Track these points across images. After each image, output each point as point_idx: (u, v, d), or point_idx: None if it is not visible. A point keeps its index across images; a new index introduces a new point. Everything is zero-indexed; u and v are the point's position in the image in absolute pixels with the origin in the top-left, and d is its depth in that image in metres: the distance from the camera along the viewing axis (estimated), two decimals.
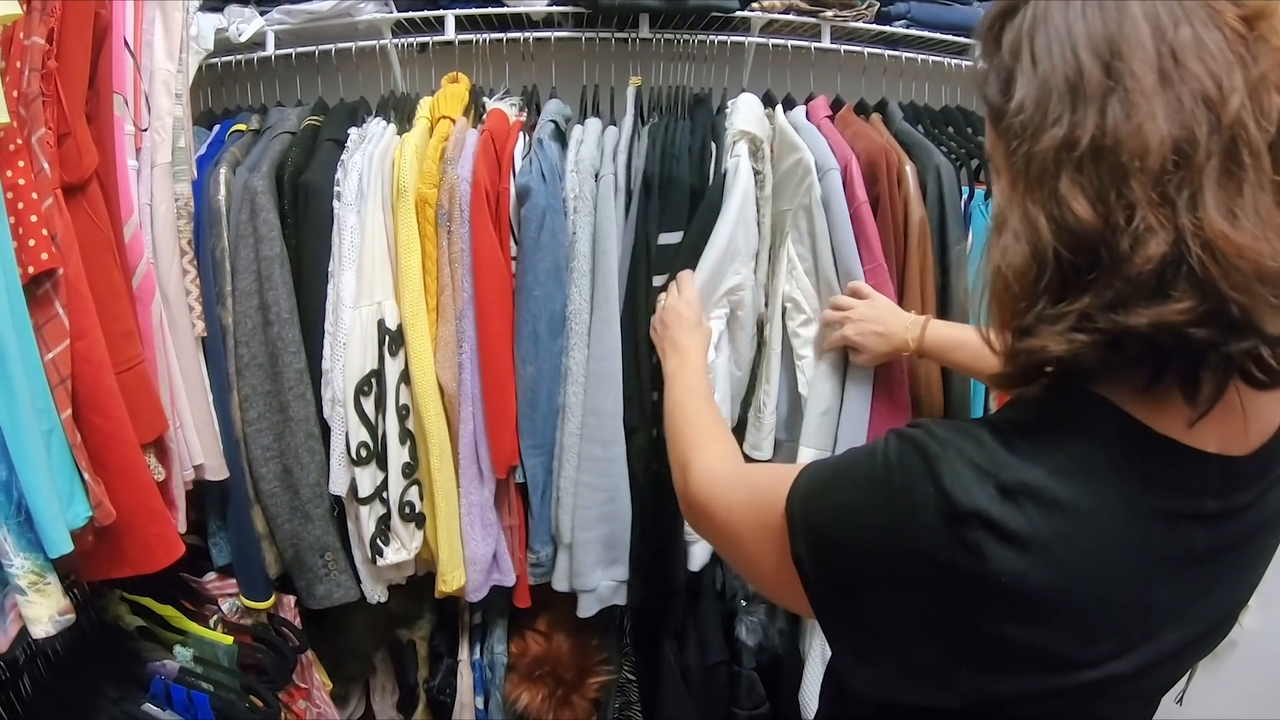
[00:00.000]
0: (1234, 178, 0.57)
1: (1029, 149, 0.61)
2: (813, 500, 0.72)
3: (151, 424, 1.31)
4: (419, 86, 1.88)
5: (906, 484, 0.64)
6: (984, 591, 0.60)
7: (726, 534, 0.89)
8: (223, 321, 1.50)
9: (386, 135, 1.57)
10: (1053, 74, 0.61)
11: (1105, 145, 0.58)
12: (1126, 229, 0.57)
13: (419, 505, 1.58)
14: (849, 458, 0.72)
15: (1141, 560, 0.64)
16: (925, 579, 0.63)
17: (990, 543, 0.59)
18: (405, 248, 1.49)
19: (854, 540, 0.67)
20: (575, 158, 1.58)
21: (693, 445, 1.06)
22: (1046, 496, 0.60)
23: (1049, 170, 0.60)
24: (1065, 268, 0.60)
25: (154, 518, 1.27)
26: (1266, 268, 0.56)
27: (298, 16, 1.75)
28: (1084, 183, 0.59)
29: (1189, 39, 0.58)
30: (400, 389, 1.52)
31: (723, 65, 1.93)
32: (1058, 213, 0.59)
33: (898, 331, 1.46)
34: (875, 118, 1.77)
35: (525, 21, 1.84)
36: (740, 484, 0.89)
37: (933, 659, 0.65)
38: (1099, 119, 0.58)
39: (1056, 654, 0.63)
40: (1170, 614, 0.67)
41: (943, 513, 0.61)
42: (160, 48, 1.45)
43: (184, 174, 1.47)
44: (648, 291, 1.56)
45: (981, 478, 0.61)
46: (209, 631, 1.61)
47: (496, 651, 1.85)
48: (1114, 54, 0.59)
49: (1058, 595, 0.61)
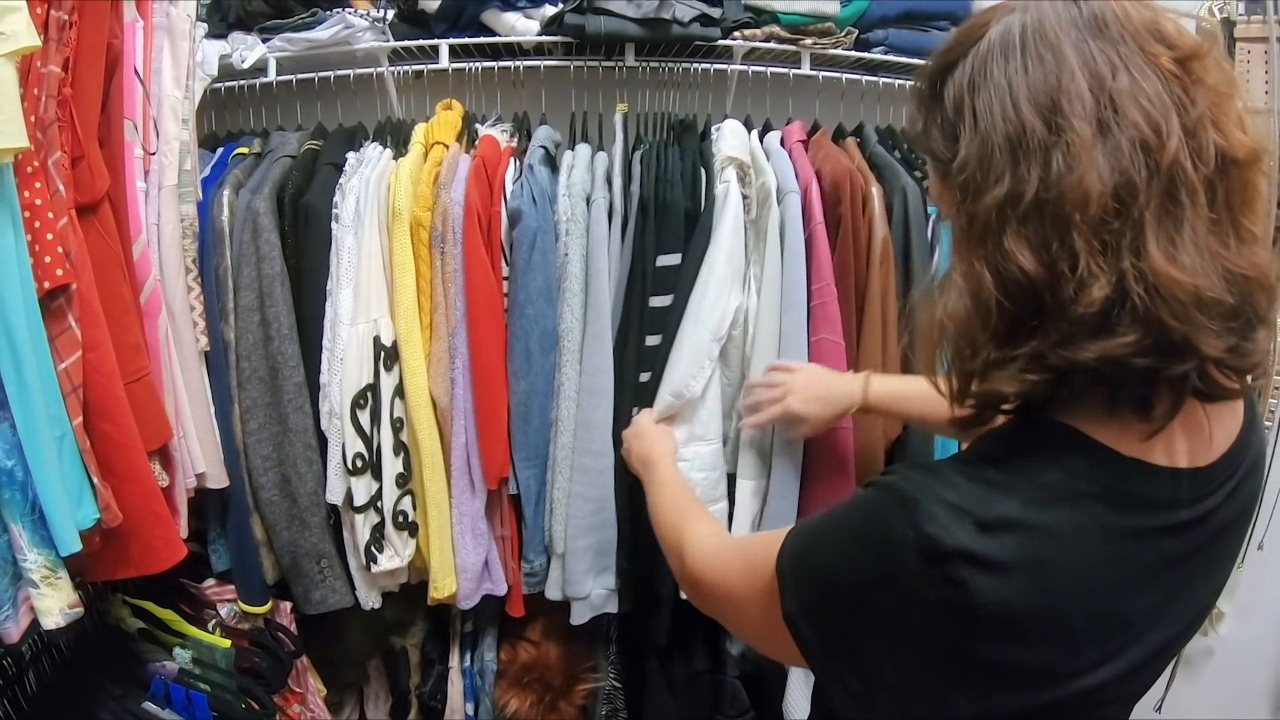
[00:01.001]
0: (1173, 216, 0.59)
1: (972, 207, 0.64)
2: (800, 559, 0.74)
3: (157, 432, 1.36)
4: (414, 112, 1.93)
5: (887, 532, 0.65)
6: (974, 621, 0.62)
7: (727, 604, 0.91)
8: (225, 336, 1.55)
9: (383, 160, 1.63)
10: (994, 131, 0.62)
11: (1048, 199, 0.59)
12: (1071, 276, 0.59)
13: (412, 514, 1.63)
14: (832, 515, 0.74)
15: (1119, 574, 0.66)
16: (915, 618, 0.64)
17: (975, 575, 0.61)
18: (400, 267, 1.55)
19: (843, 591, 0.69)
20: (567, 182, 1.63)
21: (681, 531, 1.07)
22: (1023, 526, 0.63)
23: (992, 226, 0.62)
24: (1009, 316, 0.62)
25: (158, 521, 1.32)
26: (1205, 297, 0.58)
27: (298, 44, 1.80)
28: (1029, 235, 0.60)
29: (1126, 86, 0.59)
30: (395, 402, 1.57)
31: (706, 92, 1.97)
32: (1002, 266, 0.61)
33: (839, 392, 1.44)
34: (849, 141, 1.80)
35: (516, 50, 1.89)
36: (733, 554, 0.91)
37: (930, 692, 0.67)
38: (1042, 172, 0.60)
39: (1046, 669, 0.65)
40: (1149, 618, 0.69)
41: (925, 554, 0.62)
42: (168, 75, 1.51)
43: (189, 195, 1.52)
44: (643, 310, 1.61)
45: (959, 516, 0.62)
46: (207, 635, 1.65)
47: (487, 659, 1.89)
48: (1054, 108, 0.60)
49: (1042, 616, 0.63)
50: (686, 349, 1.56)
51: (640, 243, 1.61)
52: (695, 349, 1.55)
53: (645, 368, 1.62)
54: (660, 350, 1.60)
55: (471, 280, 1.56)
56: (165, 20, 1.50)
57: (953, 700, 0.67)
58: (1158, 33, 0.62)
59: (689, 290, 1.58)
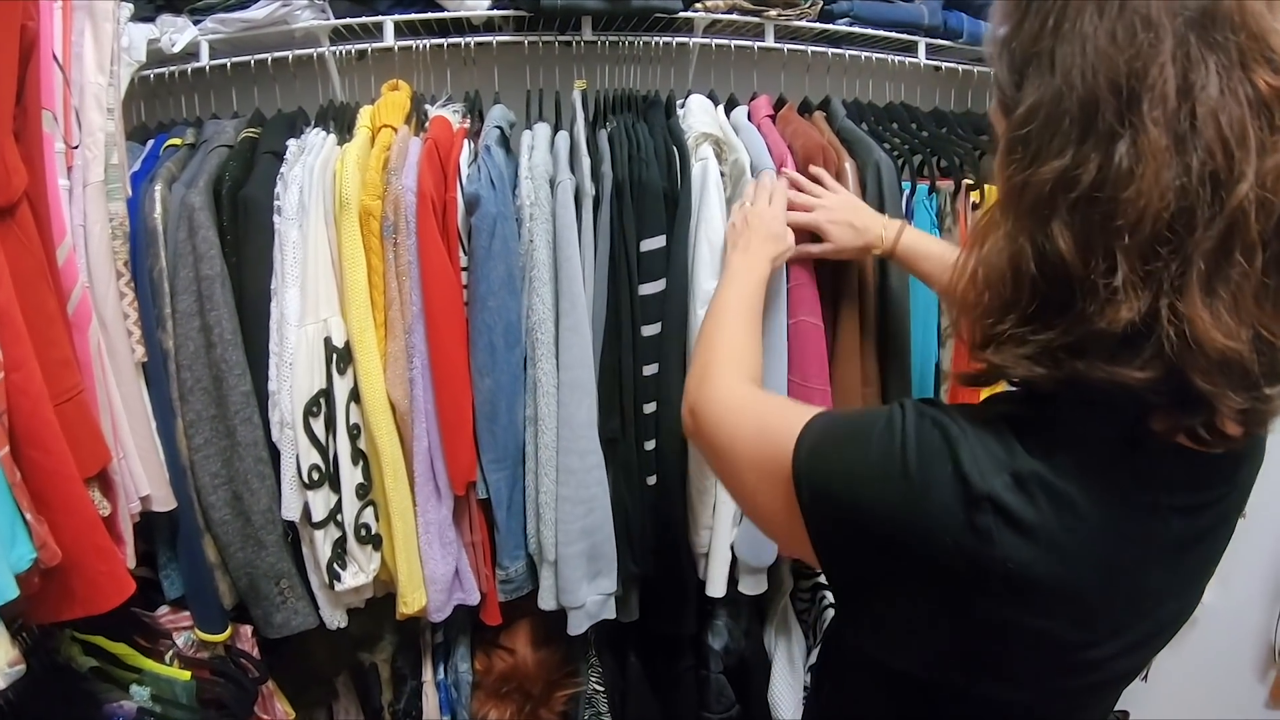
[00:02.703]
0: (1223, 266, 0.55)
1: (1028, 176, 0.60)
2: (822, 455, 0.72)
3: (94, 456, 1.27)
4: (358, 95, 1.85)
5: (924, 460, 0.64)
6: (987, 575, 0.62)
7: (724, 456, 0.89)
8: (163, 345, 1.45)
9: (327, 146, 1.53)
10: (1068, 93, 0.59)
11: (1101, 197, 0.56)
12: (1103, 286, 0.57)
13: (375, 527, 1.55)
14: (863, 419, 0.72)
15: (1138, 550, 0.66)
16: (928, 555, 0.64)
17: (1000, 528, 0.61)
18: (350, 262, 1.46)
19: (860, 505, 0.68)
20: (528, 164, 1.55)
21: (720, 359, 1.03)
22: (1054, 489, 0.62)
23: (1043, 201, 0.59)
24: (1041, 295, 0.61)
25: (102, 555, 1.23)
26: (1232, 360, 0.56)
27: (232, 25, 1.70)
28: (1075, 227, 0.58)
29: (1213, 101, 0.54)
30: (350, 408, 1.48)
31: (667, 66, 1.92)
32: (1045, 245, 0.59)
33: (873, 227, 1.40)
34: (818, 115, 1.77)
35: (466, 26, 1.81)
36: (751, 414, 0.87)
37: (929, 629, 0.68)
38: (1103, 161, 0.56)
39: (1055, 637, 0.65)
40: (1158, 596, 0.71)
41: (958, 494, 0.62)
42: (90, 60, 1.39)
43: (118, 192, 1.41)
44: (633, 299, 1.55)
45: (997, 465, 0.62)
46: (165, 667, 1.56)
47: (461, 670, 1.82)
48: (1133, 97, 0.56)
49: (1059, 584, 0.63)
50: None
51: (619, 227, 1.54)
52: None
53: (649, 359, 1.56)
54: (664, 340, 1.55)
55: (428, 273, 1.47)
56: (86, 1, 1.38)
57: (955, 646, 0.68)
58: (1267, 48, 0.56)
59: (683, 274, 1.53)
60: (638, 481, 1.62)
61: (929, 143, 1.81)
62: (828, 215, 1.43)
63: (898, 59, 1.96)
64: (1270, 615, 1.96)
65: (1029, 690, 0.72)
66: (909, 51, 1.97)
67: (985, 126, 1.97)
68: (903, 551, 0.66)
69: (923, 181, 1.71)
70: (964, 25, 1.96)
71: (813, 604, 1.93)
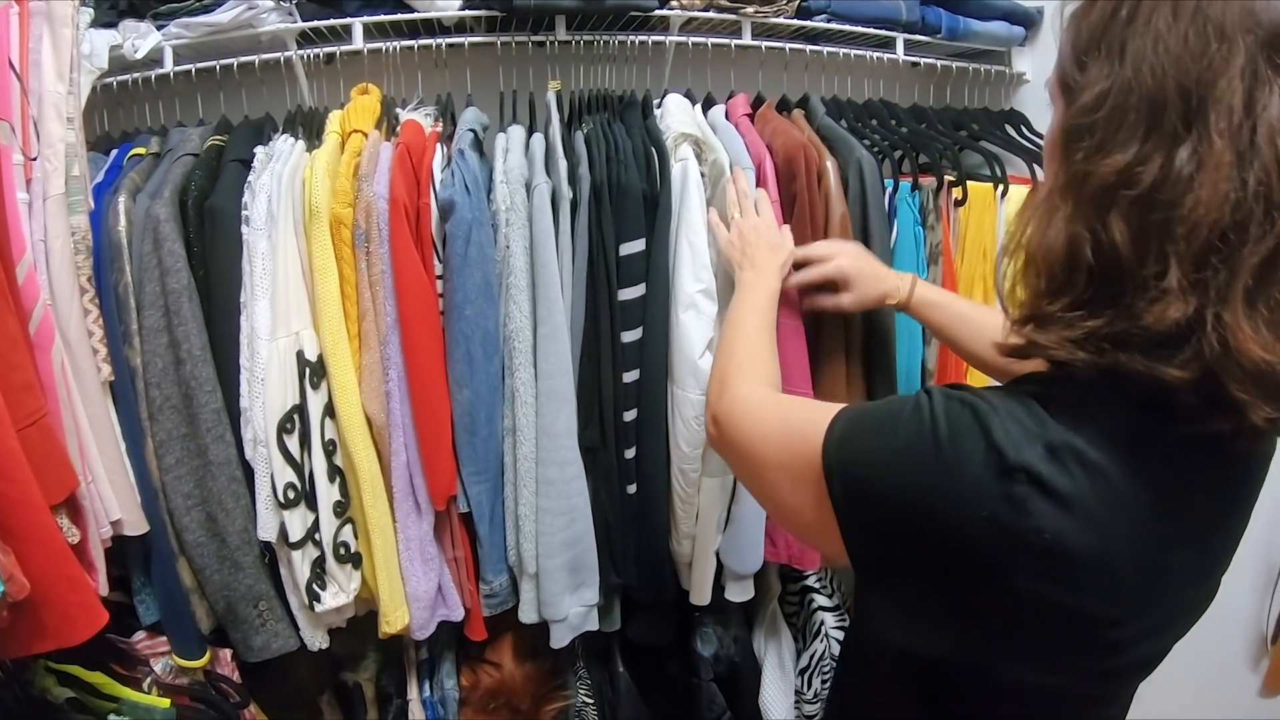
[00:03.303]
0: (1266, 285, 0.58)
1: (1092, 166, 0.62)
2: (852, 444, 0.74)
3: (61, 482, 1.22)
4: (327, 100, 1.80)
5: (955, 436, 0.65)
6: (1021, 547, 0.63)
7: (750, 460, 0.90)
8: (131, 363, 1.40)
9: (295, 153, 1.48)
10: (1136, 87, 0.60)
11: (1160, 199, 0.58)
12: (1154, 284, 0.59)
13: (354, 545, 1.51)
14: (890, 407, 0.74)
15: (1165, 526, 0.67)
16: (963, 531, 0.65)
17: (1035, 498, 0.62)
18: (321, 272, 1.41)
19: (893, 487, 0.69)
20: (504, 167, 1.51)
21: (739, 367, 1.05)
22: (1086, 459, 0.63)
23: (1104, 195, 0.61)
24: (1094, 283, 0.63)
25: (73, 586, 1.18)
26: (1266, 373, 0.58)
27: (197, 30, 1.65)
28: (1133, 223, 0.60)
29: (1274, 123, 0.57)
30: (325, 423, 1.44)
31: (643, 66, 1.89)
32: (1104, 235, 0.61)
33: (885, 276, 1.39)
34: (797, 113, 1.75)
35: (437, 27, 1.77)
36: (775, 414, 0.89)
37: (964, 609, 0.68)
38: (1164, 162, 0.58)
39: (1085, 613, 0.66)
40: (1182, 578, 0.71)
41: (992, 465, 0.63)
42: (49, 68, 1.35)
43: (80, 205, 1.36)
44: (612, 305, 1.52)
45: (1030, 437, 0.63)
46: (144, 696, 1.52)
47: (447, 687, 1.78)
48: (1200, 104, 0.58)
49: (1091, 555, 0.63)
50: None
51: (598, 231, 1.50)
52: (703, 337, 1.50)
53: (629, 366, 1.54)
54: (645, 345, 1.52)
55: (402, 282, 1.43)
56: (43, 5, 1.34)
57: (986, 624, 0.68)
58: None
59: (664, 278, 1.50)
60: (618, 491, 1.59)
61: (909, 139, 1.79)
62: (849, 259, 1.39)
63: (876, 55, 1.94)
64: (1262, 605, 1.96)
65: (1054, 674, 0.72)
66: (887, 48, 1.95)
67: (964, 122, 1.96)
68: (937, 531, 0.66)
69: (905, 179, 1.69)
70: (942, 20, 1.94)
71: (801, 607, 1.91)
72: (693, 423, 1.52)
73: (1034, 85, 2.11)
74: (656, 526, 1.61)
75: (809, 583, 1.91)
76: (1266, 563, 1.94)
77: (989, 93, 2.13)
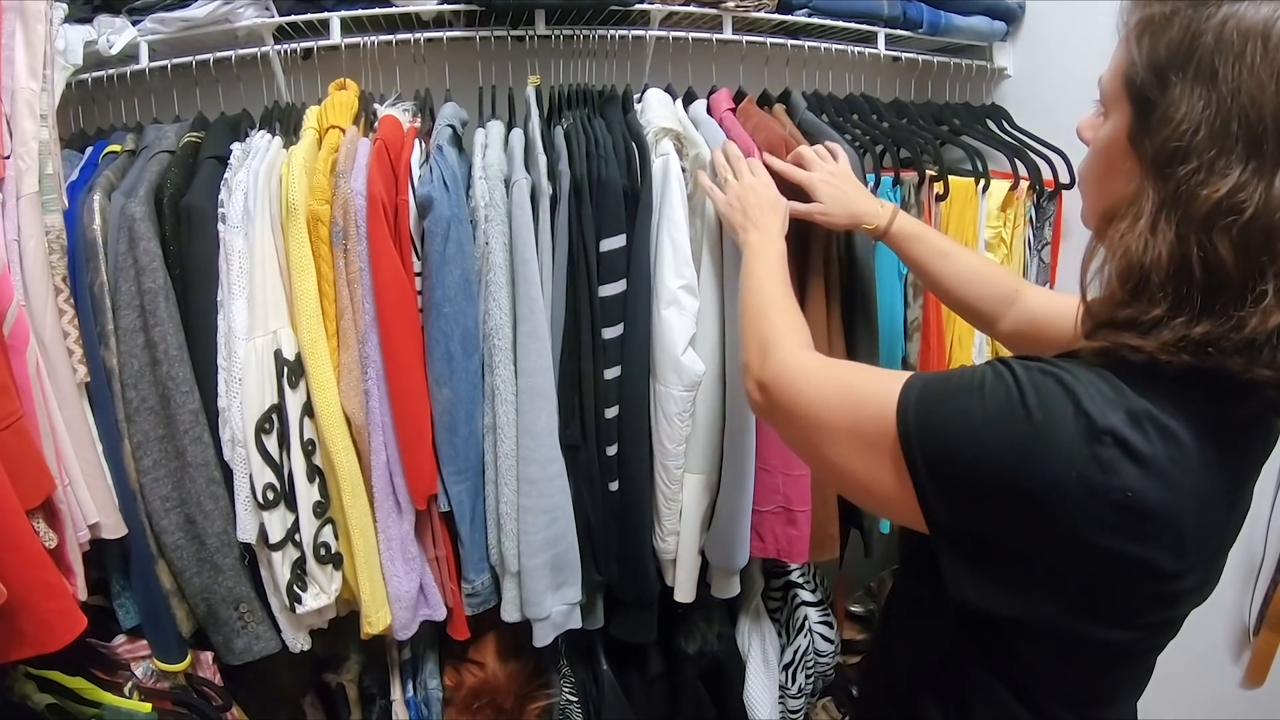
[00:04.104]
0: None
1: (1195, 187, 0.66)
2: (932, 413, 0.76)
3: (37, 486, 1.21)
4: (304, 95, 1.78)
5: (1045, 402, 0.70)
6: (1105, 504, 0.68)
7: (810, 427, 0.90)
8: (107, 364, 1.39)
9: (272, 149, 1.47)
10: (1236, 114, 0.65)
11: (1262, 225, 0.64)
12: (1260, 296, 0.65)
13: (335, 545, 1.49)
14: (964, 376, 0.77)
15: (1223, 489, 0.74)
16: (1049, 492, 0.69)
17: (1121, 459, 0.67)
18: (298, 270, 1.40)
19: (983, 453, 0.72)
20: (482, 163, 1.50)
21: (775, 330, 1.04)
22: (1160, 423, 0.68)
23: (1210, 218, 0.66)
24: (1199, 292, 0.67)
25: (50, 592, 1.17)
26: None
27: (172, 25, 1.63)
28: (1236, 241, 0.65)
29: None
30: (304, 423, 1.43)
31: (623, 60, 1.88)
32: (1210, 253, 0.66)
33: (867, 203, 1.39)
34: (779, 108, 1.74)
35: (415, 22, 1.75)
36: (834, 380, 0.90)
37: (1041, 566, 0.73)
38: (1266, 191, 0.64)
39: (1154, 566, 0.71)
40: (1220, 535, 0.79)
41: (1081, 429, 0.68)
42: (21, 64, 1.33)
43: (54, 203, 1.35)
44: (592, 301, 1.51)
45: (1112, 404, 0.69)
46: (125, 701, 1.50)
47: (430, 687, 1.77)
48: None
49: (1165, 512, 0.69)
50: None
51: (578, 227, 1.49)
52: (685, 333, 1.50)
53: (610, 363, 1.53)
54: (626, 341, 1.52)
55: (380, 279, 1.42)
56: (16, 1, 1.32)
57: (1062, 578, 0.73)
58: None
59: (645, 274, 1.50)
60: (600, 488, 1.59)
61: (890, 134, 1.79)
62: (823, 177, 1.40)
63: (857, 50, 1.94)
64: (1243, 598, 1.97)
65: (1121, 627, 0.77)
66: (868, 42, 1.95)
67: (946, 117, 1.96)
68: (1025, 494, 0.70)
69: (886, 173, 1.69)
70: (923, 15, 1.94)
71: (785, 602, 1.91)
72: (675, 419, 1.52)
73: (1015, 80, 2.11)
74: (638, 524, 1.60)
75: (792, 578, 1.91)
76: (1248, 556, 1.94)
77: (970, 88, 2.13)
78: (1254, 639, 1.99)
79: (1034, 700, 0.85)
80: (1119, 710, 0.90)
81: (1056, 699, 0.85)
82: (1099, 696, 0.86)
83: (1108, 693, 0.87)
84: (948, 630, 0.88)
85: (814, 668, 1.89)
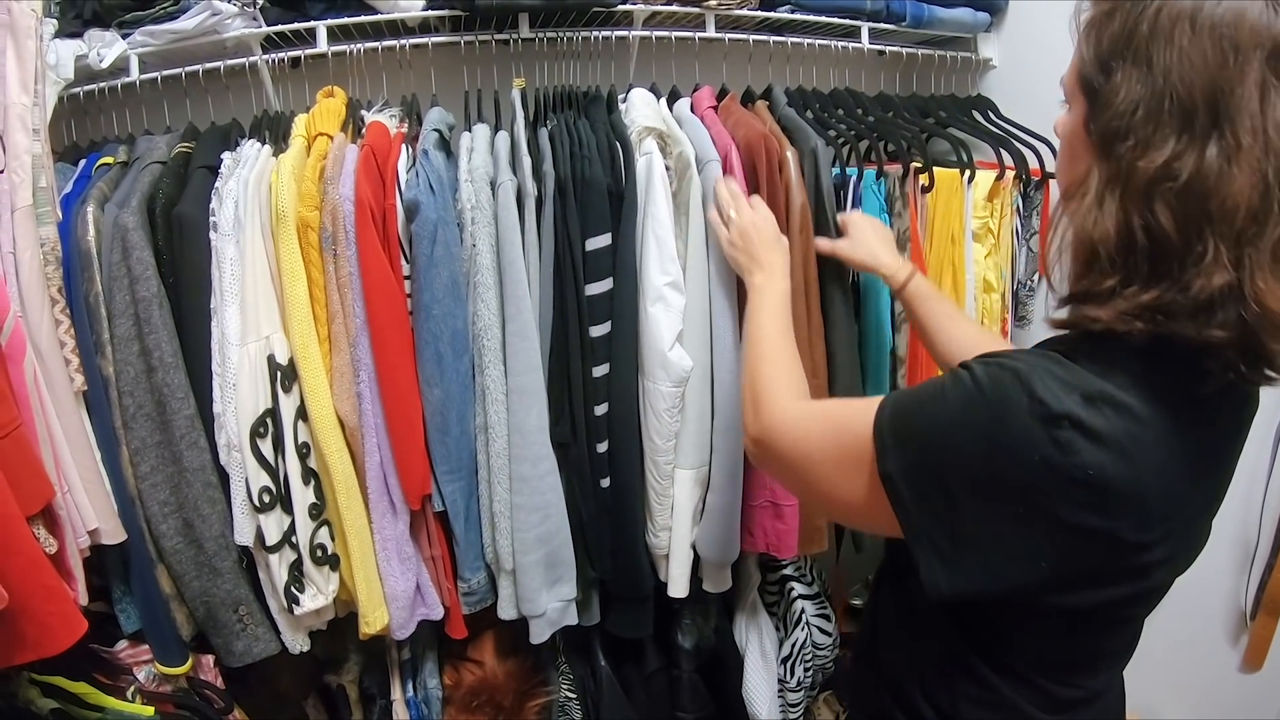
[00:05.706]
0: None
1: (1134, 160, 0.71)
2: (904, 421, 0.82)
3: (36, 493, 1.23)
4: (293, 104, 1.80)
5: (1001, 395, 0.74)
6: (1070, 482, 0.71)
7: (802, 471, 0.96)
8: (103, 372, 1.40)
9: (262, 158, 1.49)
10: (1169, 92, 0.69)
11: (1197, 189, 0.68)
12: (1201, 259, 0.69)
13: (331, 547, 1.51)
14: (931, 385, 0.82)
15: (1187, 461, 0.76)
16: (1016, 476, 0.73)
17: (1079, 439, 0.71)
18: (289, 276, 1.42)
19: (950, 449, 0.77)
20: (468, 166, 1.52)
21: (766, 385, 1.08)
22: (1119, 404, 0.72)
23: (1149, 188, 0.70)
24: (1147, 260, 0.71)
25: (51, 596, 1.19)
26: None
27: (162, 38, 1.64)
28: (1176, 210, 0.69)
29: (1277, 121, 0.68)
30: (298, 426, 1.45)
31: (608, 61, 1.90)
32: (1152, 221, 0.70)
33: (887, 254, 1.47)
34: (760, 105, 1.75)
35: (400, 28, 1.77)
36: (817, 419, 0.96)
37: (1016, 550, 0.76)
38: (1198, 160, 0.68)
39: (1118, 537, 0.75)
40: (1195, 507, 0.82)
41: (1037, 415, 0.72)
42: (13, 79, 1.35)
43: (48, 216, 1.36)
44: (579, 300, 1.53)
45: (1067, 388, 0.72)
46: (128, 704, 1.52)
47: (430, 686, 1.79)
48: (1224, 109, 0.68)
49: (1128, 487, 0.72)
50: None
51: (563, 226, 1.51)
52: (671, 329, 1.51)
53: (598, 360, 1.55)
54: (614, 339, 1.53)
55: (370, 283, 1.44)
56: (6, 17, 1.34)
57: (1035, 558, 0.76)
58: None
59: (631, 271, 1.51)
60: (591, 485, 1.60)
61: (875, 127, 1.79)
62: (858, 219, 1.52)
63: (841, 45, 1.94)
64: (1239, 582, 1.97)
65: (1090, 596, 0.80)
66: (852, 37, 1.96)
67: (931, 109, 1.96)
68: (995, 480, 0.75)
69: (870, 167, 1.69)
70: (906, 8, 1.94)
71: (781, 596, 1.92)
72: (664, 415, 1.53)
73: (1000, 71, 2.11)
74: (630, 520, 1.61)
75: (787, 572, 1.92)
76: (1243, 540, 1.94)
77: (955, 79, 2.13)
78: (1251, 623, 1.99)
79: (1015, 671, 0.88)
80: (1101, 680, 0.93)
81: (1038, 669, 0.88)
82: (1080, 665, 0.90)
83: (1089, 662, 0.91)
84: (932, 615, 0.91)
85: (812, 661, 1.90)
